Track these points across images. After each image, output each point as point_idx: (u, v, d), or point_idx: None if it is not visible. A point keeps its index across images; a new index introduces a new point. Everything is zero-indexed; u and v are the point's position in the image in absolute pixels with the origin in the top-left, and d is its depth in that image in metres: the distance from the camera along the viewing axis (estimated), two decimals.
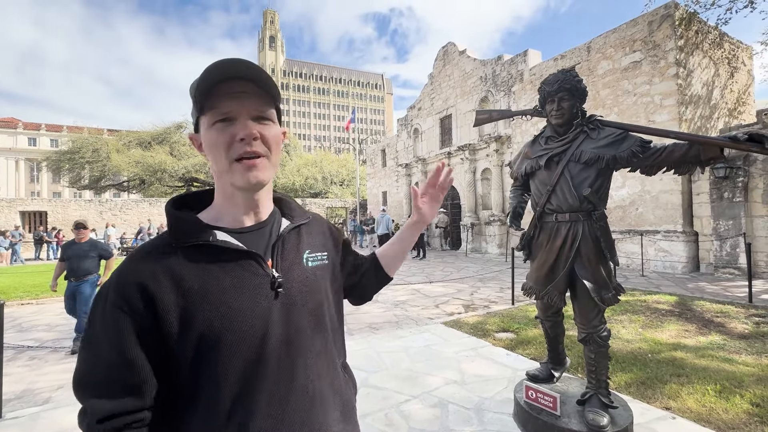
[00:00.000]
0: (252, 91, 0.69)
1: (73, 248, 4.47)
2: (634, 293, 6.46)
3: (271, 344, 0.69)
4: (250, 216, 0.76)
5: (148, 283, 0.64)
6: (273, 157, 0.73)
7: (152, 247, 0.70)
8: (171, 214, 0.72)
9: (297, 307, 0.74)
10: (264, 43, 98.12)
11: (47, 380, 3.54)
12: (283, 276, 0.73)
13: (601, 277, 2.18)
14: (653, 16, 9.22)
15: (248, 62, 0.68)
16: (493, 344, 4.01)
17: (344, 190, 37.35)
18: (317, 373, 0.75)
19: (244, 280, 0.70)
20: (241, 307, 0.67)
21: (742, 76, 10.77)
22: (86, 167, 28.28)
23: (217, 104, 0.67)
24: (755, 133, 1.66)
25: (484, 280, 8.63)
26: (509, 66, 13.40)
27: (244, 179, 0.69)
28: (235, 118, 0.68)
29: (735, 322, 4.61)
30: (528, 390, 2.35)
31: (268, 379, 0.68)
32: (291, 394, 0.70)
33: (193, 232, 0.70)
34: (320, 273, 0.81)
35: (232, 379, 0.66)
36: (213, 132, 0.69)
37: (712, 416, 2.50)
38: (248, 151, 0.68)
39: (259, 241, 0.75)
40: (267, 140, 0.71)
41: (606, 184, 2.20)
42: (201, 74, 0.66)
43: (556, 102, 2.23)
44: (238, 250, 0.70)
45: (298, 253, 0.79)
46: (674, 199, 8.96)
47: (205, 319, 0.65)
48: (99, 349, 0.64)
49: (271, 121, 0.72)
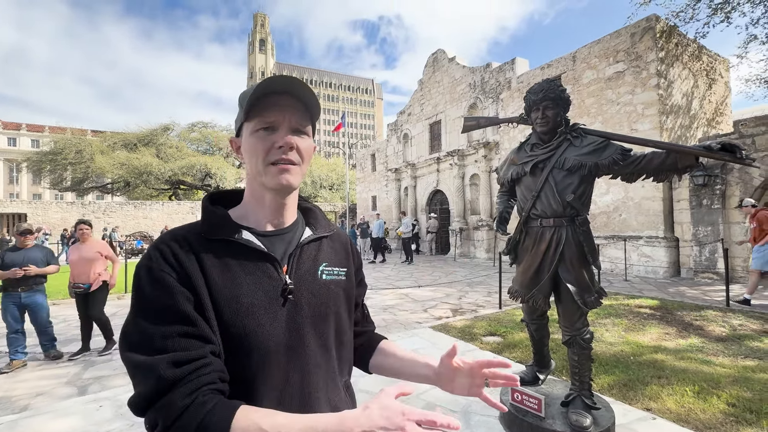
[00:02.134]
0: (295, 106, 0.75)
1: (23, 254, 4.02)
2: (617, 297, 6.60)
3: (272, 347, 0.71)
4: (275, 219, 0.80)
5: (184, 261, 0.67)
6: (304, 167, 0.78)
7: (185, 232, 0.73)
8: (205, 208, 0.78)
9: (303, 317, 0.75)
10: (254, 46, 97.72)
11: (25, 387, 3.44)
12: (295, 284, 0.75)
13: (584, 280, 2.24)
14: (635, 28, 9.52)
15: (298, 80, 0.74)
16: (480, 348, 4.06)
17: (334, 194, 37.28)
18: (314, 384, 0.75)
19: (259, 280, 0.73)
20: (251, 305, 0.70)
21: (719, 88, 11.17)
22: (69, 168, 27.63)
23: (263, 113, 0.73)
24: (728, 143, 1.74)
25: (472, 284, 8.70)
26: (497, 73, 13.64)
27: (276, 180, 0.74)
28: (277, 128, 0.74)
29: (713, 326, 4.75)
30: (514, 392, 2.38)
31: (265, 380, 0.70)
32: (284, 398, 0.71)
33: (221, 227, 0.74)
34: (333, 288, 0.82)
35: (231, 372, 0.68)
36: (255, 138, 0.74)
37: (690, 416, 2.57)
38: (284, 158, 0.73)
39: (279, 246, 0.78)
40: (301, 151, 0.76)
41: (589, 190, 2.27)
42: (255, 85, 0.72)
43: (540, 110, 2.30)
44: (258, 251, 0.74)
45: (314, 264, 0.81)
46: (656, 205, 9.21)
47: (216, 310, 0.68)
48: (155, 307, 0.63)
49: (307, 135, 0.78)
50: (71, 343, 4.72)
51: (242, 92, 0.76)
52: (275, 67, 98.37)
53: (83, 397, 3.15)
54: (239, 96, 0.78)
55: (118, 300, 7.54)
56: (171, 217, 23.27)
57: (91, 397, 3.09)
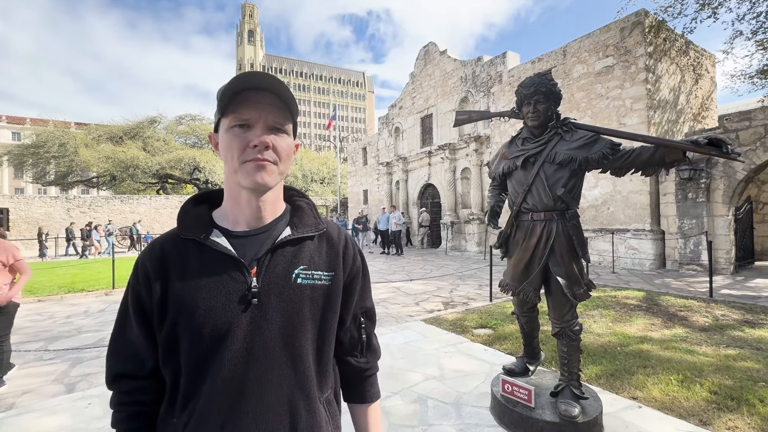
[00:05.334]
0: (273, 103, 0.72)
1: None
2: (605, 289, 6.73)
3: (228, 354, 0.68)
4: (251, 219, 0.76)
5: (149, 267, 0.73)
6: (282, 166, 0.75)
7: (166, 234, 0.78)
8: (181, 208, 0.79)
9: (268, 323, 0.71)
10: (242, 37, 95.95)
11: (11, 385, 3.37)
12: (263, 288, 0.72)
13: (574, 273, 2.27)
14: (625, 22, 9.59)
15: (275, 77, 0.73)
16: (471, 340, 4.10)
17: (325, 188, 37.08)
18: (276, 397, 0.70)
19: (222, 283, 0.71)
20: (209, 308, 0.69)
21: (705, 83, 11.35)
22: (52, 162, 26.97)
23: (239, 110, 0.71)
24: (714, 138, 1.77)
25: (463, 277, 8.78)
26: (488, 67, 13.64)
27: (250, 179, 0.71)
28: (253, 126, 0.72)
29: (697, 316, 4.88)
30: (504, 384, 2.42)
31: (217, 389, 0.68)
32: (234, 412, 0.68)
33: (192, 227, 0.75)
34: (310, 293, 0.75)
35: (186, 377, 0.69)
36: (230, 135, 0.72)
37: (674, 404, 2.65)
38: (259, 158, 0.71)
39: (251, 247, 0.75)
40: (278, 150, 0.73)
41: (579, 184, 2.29)
42: (230, 80, 0.71)
43: (532, 105, 2.30)
44: (224, 253, 0.72)
45: (289, 266, 0.75)
46: (643, 199, 9.37)
47: (173, 313, 0.69)
48: (119, 317, 0.76)
49: (285, 133, 0.75)
50: (57, 341, 4.64)
51: (220, 87, 0.74)
52: (264, 58, 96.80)
53: (71, 394, 3.10)
54: (217, 91, 0.75)
55: (106, 296, 7.42)
56: (159, 211, 22.89)
57: (80, 395, 3.04)
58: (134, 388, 0.74)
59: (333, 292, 0.78)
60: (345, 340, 0.85)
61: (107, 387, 0.75)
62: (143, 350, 0.74)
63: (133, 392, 0.74)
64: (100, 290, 7.66)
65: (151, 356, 0.74)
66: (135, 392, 0.74)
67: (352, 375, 0.88)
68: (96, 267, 11.51)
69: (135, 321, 0.73)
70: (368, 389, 0.89)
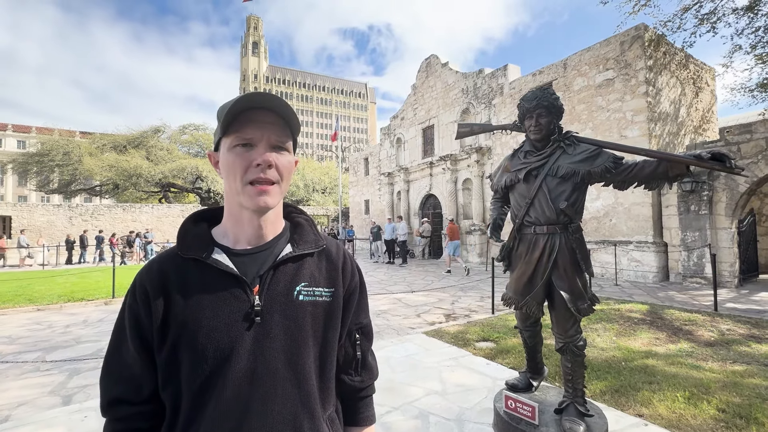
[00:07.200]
0: (274, 122, 0.73)
1: None
2: (608, 302, 6.66)
3: (232, 374, 0.67)
4: (252, 237, 0.76)
5: (148, 287, 0.71)
6: (283, 184, 0.75)
7: (165, 253, 0.76)
8: (181, 226, 0.78)
9: (271, 341, 0.70)
10: (247, 48, 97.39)
11: (7, 397, 3.33)
12: (266, 306, 0.71)
13: (577, 287, 2.24)
14: (625, 36, 9.70)
15: (277, 97, 0.73)
16: (473, 354, 4.05)
17: (326, 197, 37.17)
18: (281, 416, 0.69)
19: (225, 302, 0.70)
20: (212, 328, 0.68)
21: (706, 96, 11.42)
22: (56, 170, 27.15)
23: (241, 129, 0.71)
24: (717, 152, 1.76)
25: (464, 289, 8.72)
26: (490, 79, 13.77)
27: (253, 202, 0.71)
28: (255, 145, 0.72)
29: (702, 330, 4.82)
30: (507, 399, 2.38)
31: (221, 410, 0.66)
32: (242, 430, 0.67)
33: (193, 246, 0.74)
34: (311, 309, 0.75)
35: (187, 400, 0.67)
36: (232, 154, 0.72)
37: (681, 422, 2.59)
38: (262, 177, 0.71)
39: (253, 265, 0.75)
40: (280, 168, 0.74)
41: (581, 197, 2.29)
42: (231, 100, 0.71)
43: (534, 118, 2.31)
44: (226, 272, 0.72)
45: (291, 283, 0.75)
46: (645, 211, 9.34)
47: (175, 334, 0.68)
48: (114, 338, 0.74)
49: (286, 150, 0.76)
50: (55, 351, 4.60)
51: (221, 106, 0.75)
52: (268, 69, 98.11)
53: (68, 407, 3.06)
54: (218, 110, 0.75)
55: (106, 306, 7.38)
56: (161, 220, 22.94)
57: (76, 407, 3.00)
58: (132, 414, 0.71)
59: (334, 309, 0.78)
60: (339, 357, 0.83)
61: (102, 413, 0.71)
62: (140, 374, 0.71)
63: (130, 419, 0.71)
64: (100, 299, 7.62)
65: (148, 380, 0.71)
66: (132, 419, 0.71)
67: (345, 395, 0.86)
68: (95, 276, 11.49)
69: (132, 344, 0.71)
70: (362, 411, 0.87)
